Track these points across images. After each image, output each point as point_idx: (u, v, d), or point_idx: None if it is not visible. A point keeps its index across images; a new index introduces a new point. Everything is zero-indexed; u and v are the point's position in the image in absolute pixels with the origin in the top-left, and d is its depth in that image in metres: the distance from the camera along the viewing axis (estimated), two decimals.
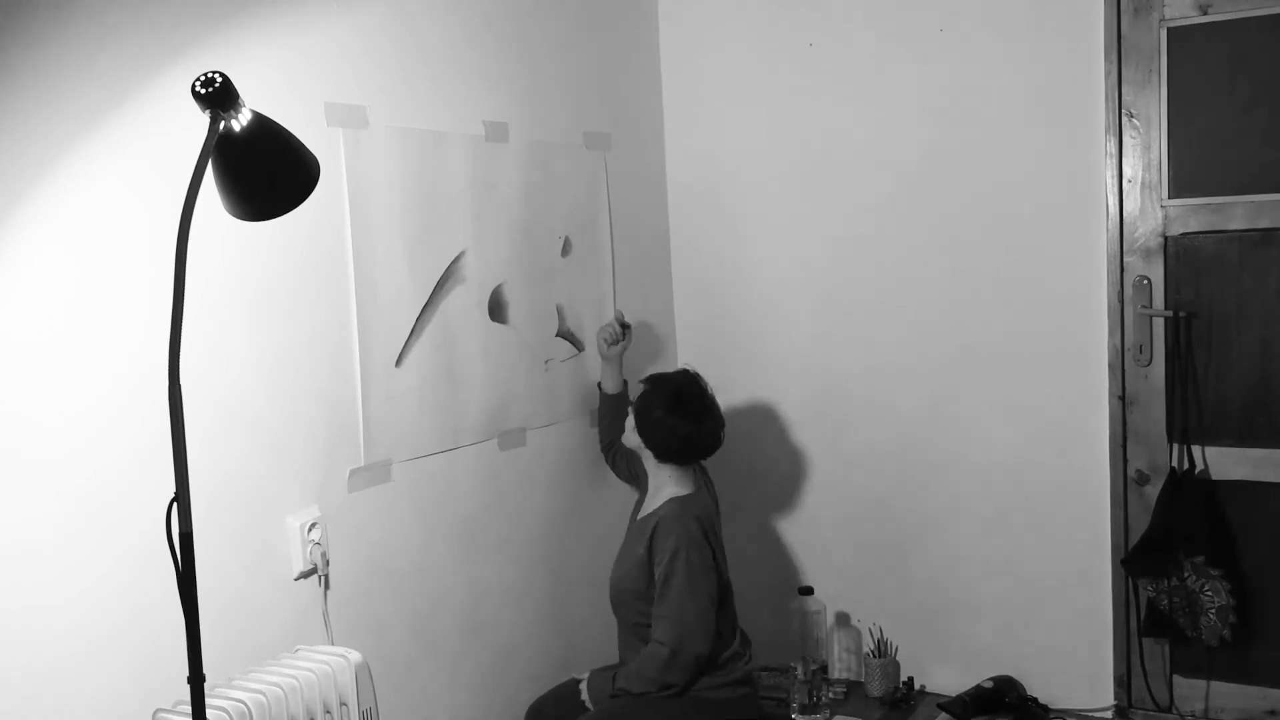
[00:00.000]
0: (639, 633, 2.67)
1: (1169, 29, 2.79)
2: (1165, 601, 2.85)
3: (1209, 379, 2.85)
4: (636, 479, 2.90)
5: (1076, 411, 2.99)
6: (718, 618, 2.65)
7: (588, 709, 2.62)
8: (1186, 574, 2.82)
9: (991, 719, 2.93)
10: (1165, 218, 2.85)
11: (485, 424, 2.75)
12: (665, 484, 2.72)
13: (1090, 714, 3.03)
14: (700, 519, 2.65)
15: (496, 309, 2.77)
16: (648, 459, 2.75)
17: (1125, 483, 2.95)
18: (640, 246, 3.35)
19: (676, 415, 2.66)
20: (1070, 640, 3.05)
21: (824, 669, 3.02)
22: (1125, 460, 2.94)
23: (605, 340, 2.93)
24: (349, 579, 2.39)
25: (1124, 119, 2.85)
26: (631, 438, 2.75)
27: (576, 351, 3.05)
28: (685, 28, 3.39)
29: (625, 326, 2.94)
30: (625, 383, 2.99)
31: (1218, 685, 2.91)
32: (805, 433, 3.36)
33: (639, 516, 2.78)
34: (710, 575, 2.61)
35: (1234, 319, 2.82)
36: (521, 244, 2.84)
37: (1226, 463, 2.84)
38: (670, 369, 3.02)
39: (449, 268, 2.62)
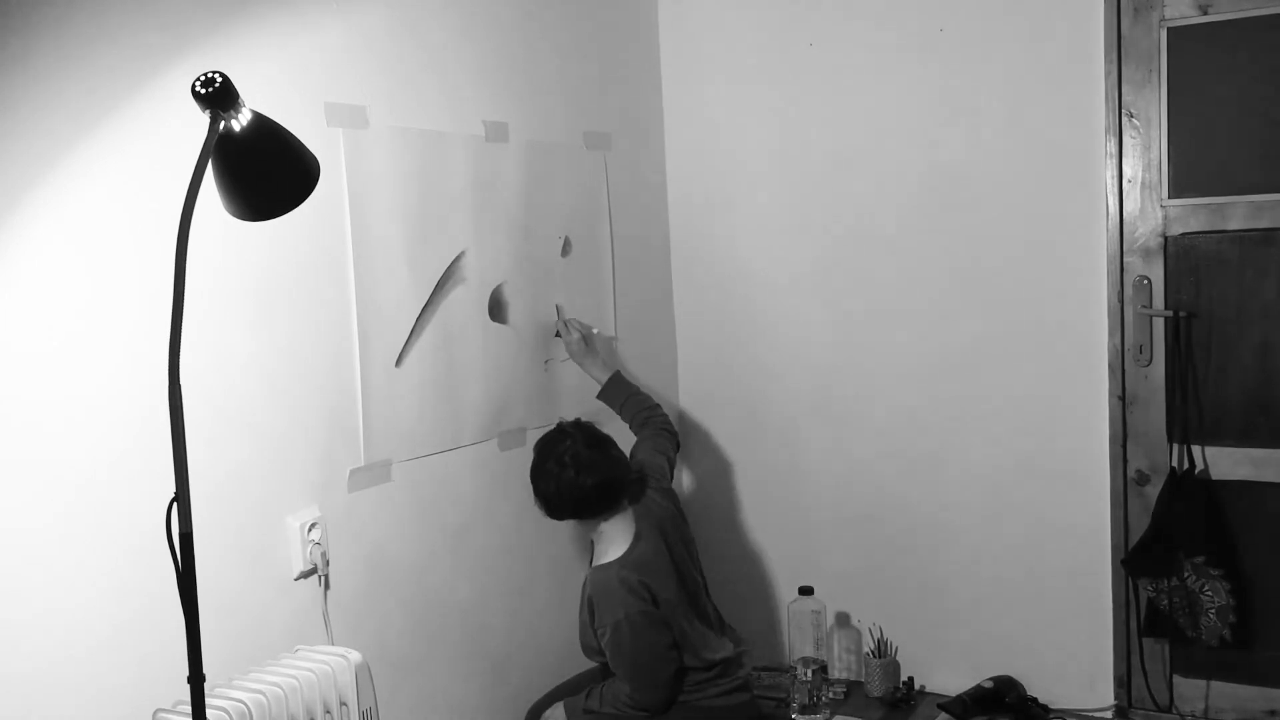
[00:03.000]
0: (605, 670, 2.68)
1: (1169, 29, 2.79)
2: (1165, 601, 2.86)
3: (1209, 379, 2.85)
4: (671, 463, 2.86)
5: (1076, 411, 2.99)
6: (704, 630, 2.66)
7: None
8: (1186, 574, 2.82)
9: (991, 719, 2.93)
10: (1165, 218, 2.85)
11: (485, 424, 2.75)
12: (600, 539, 2.63)
13: (1090, 714, 3.03)
14: (630, 576, 2.53)
15: (496, 309, 2.77)
16: (587, 526, 2.64)
17: (1125, 483, 2.95)
18: (640, 246, 3.35)
19: (567, 469, 2.52)
20: (1070, 640, 3.05)
21: (824, 669, 3.02)
22: (1125, 460, 2.94)
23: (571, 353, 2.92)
24: (349, 579, 2.39)
25: (1124, 119, 2.85)
26: (563, 518, 2.62)
27: None
28: (685, 28, 3.39)
29: (560, 332, 2.93)
30: (607, 366, 2.95)
31: (1218, 685, 2.92)
32: (805, 432, 3.36)
33: (589, 568, 2.69)
34: (657, 626, 2.55)
35: (1234, 319, 2.82)
36: (521, 244, 2.84)
37: (1226, 463, 2.84)
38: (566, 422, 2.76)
39: (449, 268, 2.62)
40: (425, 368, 2.56)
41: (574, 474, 2.51)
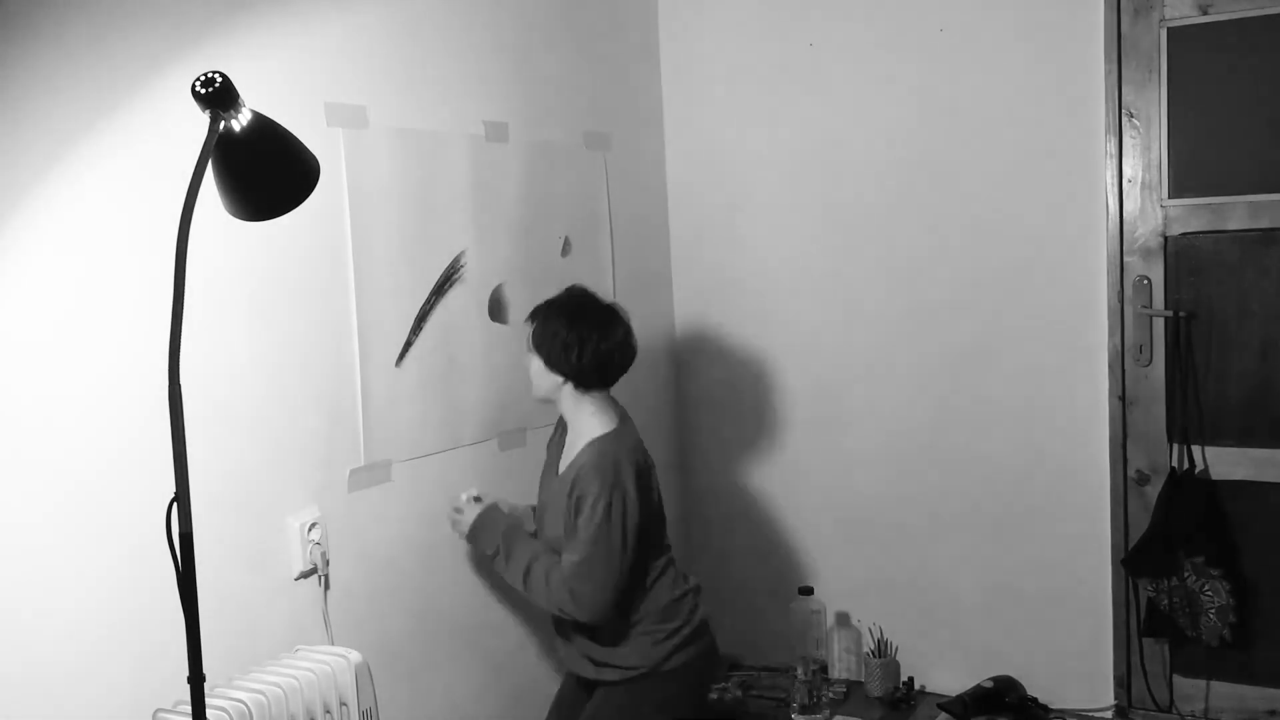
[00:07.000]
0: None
1: (1169, 29, 2.79)
2: (1165, 601, 2.86)
3: (1209, 379, 2.85)
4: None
5: (1076, 411, 2.99)
6: (654, 557, 2.48)
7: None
8: (1186, 574, 2.82)
9: (991, 719, 2.93)
10: (1165, 218, 2.85)
11: (485, 424, 2.75)
12: (585, 423, 2.46)
13: (1090, 714, 3.03)
14: (626, 457, 2.39)
15: (496, 309, 2.77)
16: (565, 396, 2.46)
17: (1125, 483, 2.95)
18: (640, 246, 3.35)
19: (585, 329, 2.40)
20: (1070, 640, 3.05)
21: (824, 669, 3.02)
22: (1125, 460, 2.94)
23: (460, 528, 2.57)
24: (349, 579, 2.39)
25: (1124, 119, 2.85)
26: (542, 381, 2.45)
27: None
28: (685, 28, 3.40)
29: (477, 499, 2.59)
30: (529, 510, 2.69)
31: (1218, 685, 2.91)
32: (805, 432, 3.36)
33: (561, 469, 2.51)
34: (630, 522, 2.36)
35: (1234, 319, 2.82)
36: (521, 244, 2.85)
37: (1226, 463, 2.84)
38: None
39: (449, 268, 2.62)
40: (425, 368, 2.56)
41: (625, 321, 2.46)
